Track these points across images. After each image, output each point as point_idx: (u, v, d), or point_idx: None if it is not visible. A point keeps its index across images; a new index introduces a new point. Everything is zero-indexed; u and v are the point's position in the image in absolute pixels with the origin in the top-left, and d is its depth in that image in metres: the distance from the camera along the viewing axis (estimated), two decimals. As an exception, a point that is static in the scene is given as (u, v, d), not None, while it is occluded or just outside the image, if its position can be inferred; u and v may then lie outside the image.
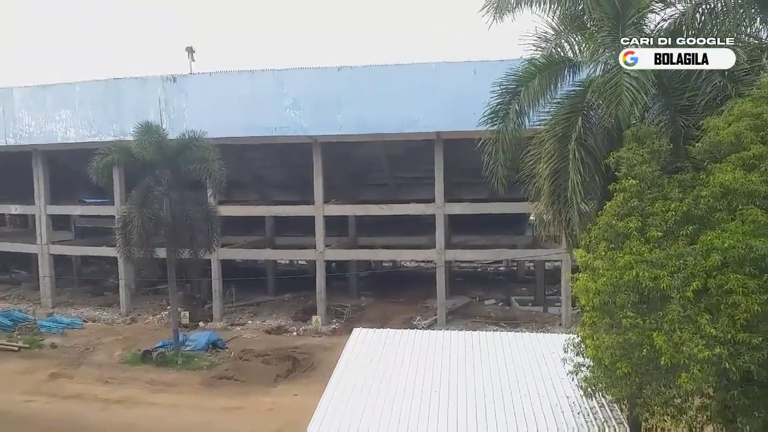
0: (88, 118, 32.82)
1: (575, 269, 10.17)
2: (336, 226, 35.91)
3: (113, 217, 31.91)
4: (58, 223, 40.29)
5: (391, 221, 34.92)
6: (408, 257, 40.24)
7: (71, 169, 34.20)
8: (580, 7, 12.14)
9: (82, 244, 40.00)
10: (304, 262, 43.58)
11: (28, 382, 24.30)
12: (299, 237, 36.95)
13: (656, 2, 11.98)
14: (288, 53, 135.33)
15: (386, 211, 32.58)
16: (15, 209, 41.23)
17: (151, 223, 25.64)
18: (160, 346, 27.54)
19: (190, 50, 34.36)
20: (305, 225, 33.18)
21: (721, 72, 10.91)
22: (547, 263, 36.71)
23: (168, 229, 26.63)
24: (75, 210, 39.74)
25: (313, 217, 32.11)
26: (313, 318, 32.10)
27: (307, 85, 29.66)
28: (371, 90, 28.79)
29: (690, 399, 8.92)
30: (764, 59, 11.31)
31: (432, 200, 31.00)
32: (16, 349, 28.80)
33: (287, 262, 48.38)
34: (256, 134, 30.17)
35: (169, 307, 30.88)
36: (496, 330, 26.34)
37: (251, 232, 39.98)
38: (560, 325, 30.38)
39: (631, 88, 10.47)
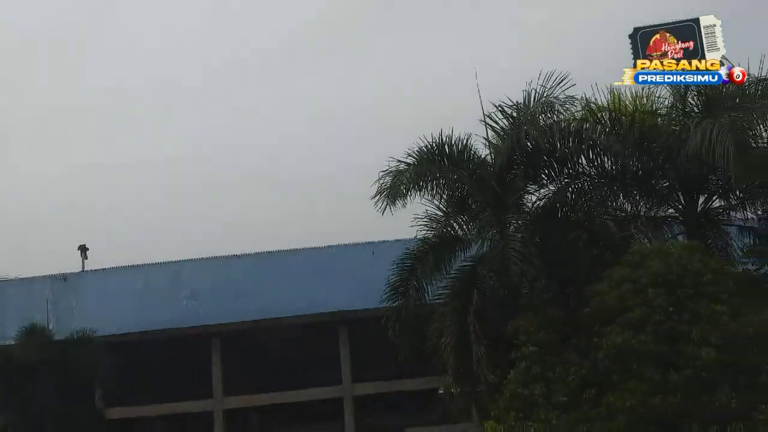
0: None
1: (489, 443, 10.00)
2: (240, 422, 33.57)
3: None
4: None
5: (298, 409, 33.09)
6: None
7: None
8: (466, 191, 13.16)
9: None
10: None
11: None
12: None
13: (531, 184, 13.23)
14: (186, 242, 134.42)
15: (291, 398, 31.02)
16: None
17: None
18: None
19: (83, 248, 33.62)
20: (204, 423, 30.82)
21: (597, 243, 11.96)
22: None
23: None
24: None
25: (212, 412, 30.03)
26: None
27: (204, 276, 29.36)
28: (270, 276, 28.87)
29: None
30: (632, 229, 12.51)
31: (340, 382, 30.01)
32: None
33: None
34: (150, 328, 28.89)
35: None
36: None
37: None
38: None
39: (517, 260, 11.16)
